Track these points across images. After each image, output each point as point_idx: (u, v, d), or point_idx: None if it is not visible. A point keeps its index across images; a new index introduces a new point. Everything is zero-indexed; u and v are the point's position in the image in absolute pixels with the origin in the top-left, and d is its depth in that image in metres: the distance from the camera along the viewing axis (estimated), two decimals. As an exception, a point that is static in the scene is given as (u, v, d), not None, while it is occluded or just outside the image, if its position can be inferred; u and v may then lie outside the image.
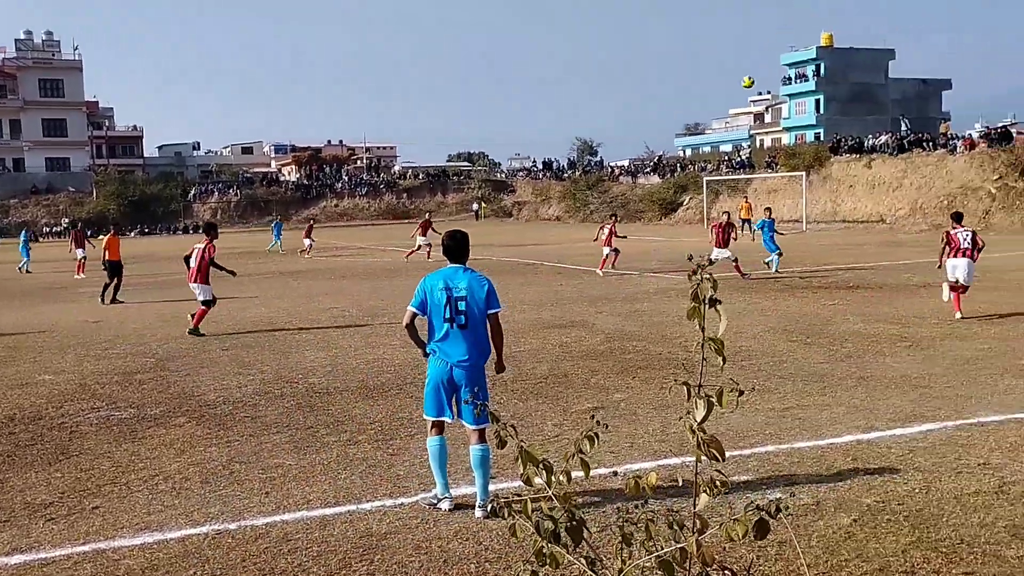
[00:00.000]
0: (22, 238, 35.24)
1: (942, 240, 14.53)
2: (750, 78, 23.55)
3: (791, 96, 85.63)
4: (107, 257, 21.23)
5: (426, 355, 6.26)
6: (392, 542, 5.41)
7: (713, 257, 21.83)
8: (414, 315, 6.33)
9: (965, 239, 14.05)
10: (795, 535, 5.10)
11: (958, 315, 13.55)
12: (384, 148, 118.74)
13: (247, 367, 11.47)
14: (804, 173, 50.90)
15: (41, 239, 67.71)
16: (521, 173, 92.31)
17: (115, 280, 20.74)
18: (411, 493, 6.32)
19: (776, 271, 21.88)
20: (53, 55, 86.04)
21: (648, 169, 73.74)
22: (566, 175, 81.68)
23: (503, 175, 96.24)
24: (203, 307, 14.70)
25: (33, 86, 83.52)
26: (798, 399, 8.82)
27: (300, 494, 6.39)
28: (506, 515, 2.65)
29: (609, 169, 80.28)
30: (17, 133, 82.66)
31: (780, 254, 22.74)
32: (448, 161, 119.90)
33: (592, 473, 6.13)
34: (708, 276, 2.53)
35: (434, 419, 6.17)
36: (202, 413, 8.99)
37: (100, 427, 8.55)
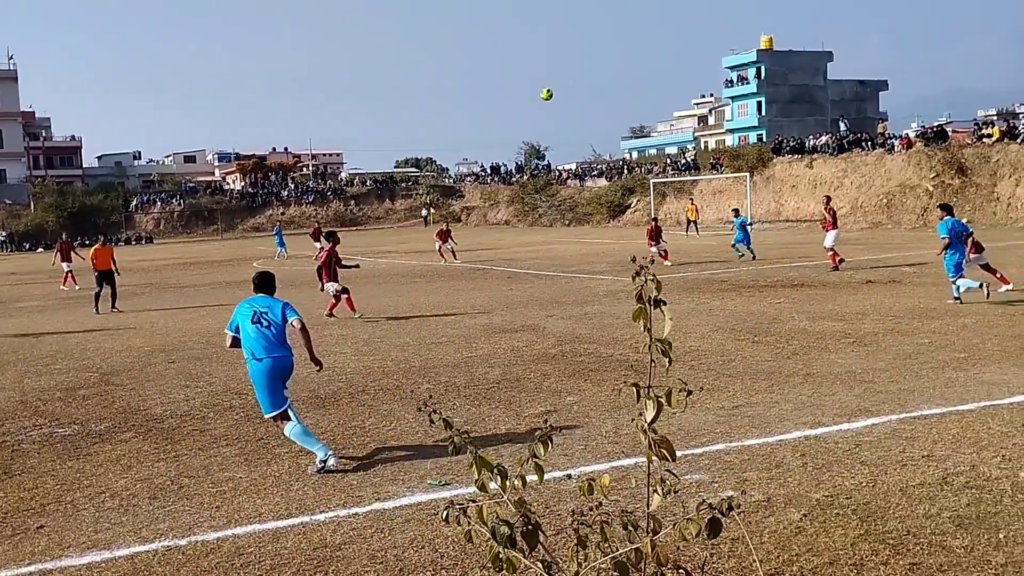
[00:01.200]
0: None
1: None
2: (548, 90, 23.87)
3: (733, 99, 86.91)
4: (95, 267, 20.85)
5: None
6: (347, 552, 5.36)
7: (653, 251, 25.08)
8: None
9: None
10: (747, 532, 5.18)
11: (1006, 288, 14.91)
12: (330, 155, 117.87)
13: (194, 379, 11.29)
14: (748, 174, 51.71)
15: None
16: (469, 178, 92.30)
17: (107, 289, 20.35)
18: (365, 502, 6.28)
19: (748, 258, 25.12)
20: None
21: (595, 172, 74.24)
22: (514, 179, 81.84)
23: (451, 180, 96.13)
24: (344, 296, 16.87)
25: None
26: (747, 397, 8.95)
27: (252, 507, 6.30)
28: (461, 521, 2.65)
29: (557, 172, 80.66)
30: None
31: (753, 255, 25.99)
32: (396, 167, 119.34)
33: (546, 477, 6.15)
34: (652, 277, 2.56)
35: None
36: (149, 428, 8.83)
37: (43, 445, 8.35)
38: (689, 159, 66.86)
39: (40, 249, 67.10)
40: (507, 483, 2.59)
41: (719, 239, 40.19)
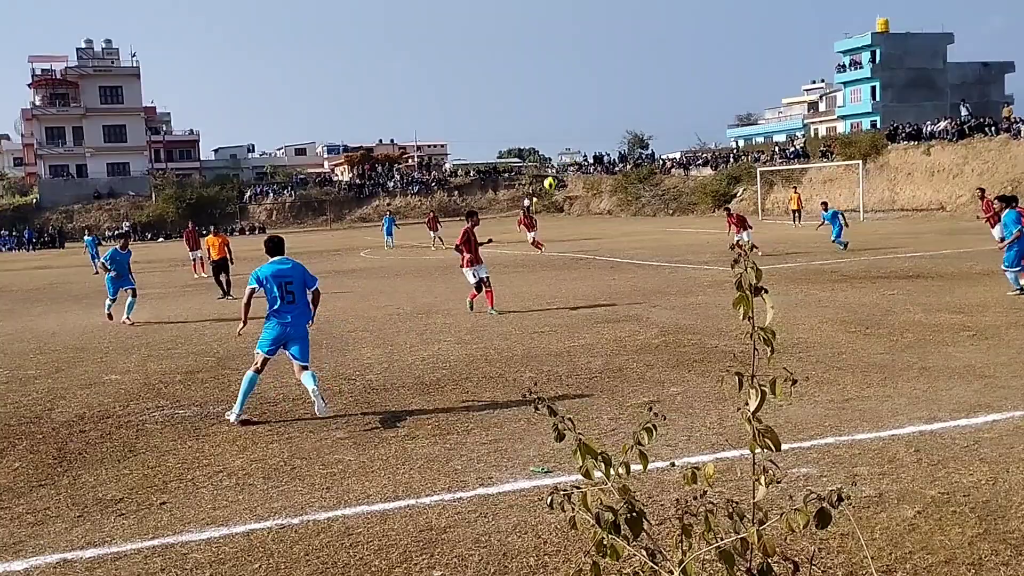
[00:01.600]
0: (88, 242, 36.00)
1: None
2: (552, 180, 23.73)
3: (846, 84, 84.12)
4: (211, 256, 21.97)
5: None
6: (452, 536, 5.46)
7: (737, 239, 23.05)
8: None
9: None
10: (858, 527, 5.04)
11: None
12: (435, 146, 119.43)
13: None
14: (860, 162, 50.01)
15: (103, 243, 69.51)
16: (572, 168, 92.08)
17: (223, 276, 21.50)
18: (469, 487, 6.38)
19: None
20: (112, 63, 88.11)
21: (700, 161, 73.04)
22: (617, 169, 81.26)
23: (554, 170, 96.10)
24: (487, 288, 15.77)
25: (94, 94, 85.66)
26: (858, 390, 8.69)
27: (360, 489, 6.48)
28: (565, 508, 2.67)
29: (661, 162, 79.71)
30: (80, 140, 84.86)
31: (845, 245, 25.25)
32: (499, 158, 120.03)
33: (650, 467, 6.12)
34: (752, 265, 2.52)
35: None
36: (263, 410, 9.15)
37: (165, 425, 8.76)
38: (798, 147, 65.10)
39: (161, 239, 70.28)
40: (611, 470, 2.60)
41: (828, 229, 39.05)
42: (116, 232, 72.86)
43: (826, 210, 27.57)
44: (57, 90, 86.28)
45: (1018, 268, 14.54)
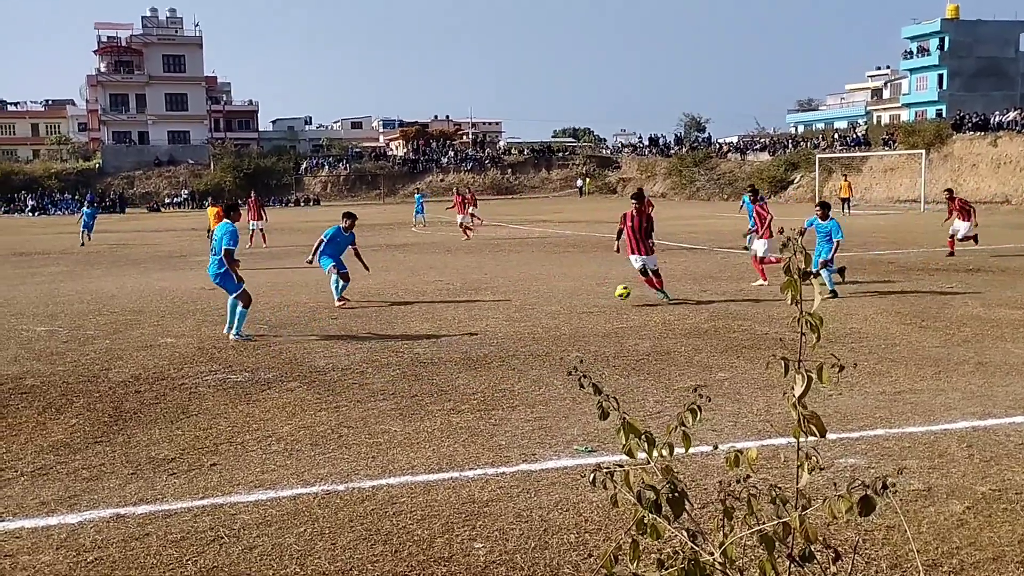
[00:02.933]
0: (87, 214, 32.82)
1: None
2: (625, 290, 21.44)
3: (912, 71, 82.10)
4: (211, 226, 22.20)
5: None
6: (494, 509, 5.51)
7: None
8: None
9: None
10: (904, 520, 4.98)
11: None
12: (490, 124, 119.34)
13: (355, 336, 11.79)
14: (924, 151, 48.85)
15: (163, 209, 70.89)
16: (627, 149, 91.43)
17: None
18: (512, 463, 6.42)
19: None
20: (176, 32, 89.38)
21: (758, 146, 72.03)
22: (672, 151, 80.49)
23: (608, 151, 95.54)
24: (656, 277, 14.42)
25: (157, 62, 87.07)
26: (910, 383, 8.55)
27: (405, 460, 6.56)
28: (607, 485, 2.68)
29: (717, 145, 78.77)
30: (142, 107, 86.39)
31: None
32: (553, 137, 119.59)
33: (694, 451, 6.11)
34: (801, 249, 2.49)
35: None
36: (312, 379, 9.30)
37: (217, 389, 8.94)
38: (859, 134, 63.84)
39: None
40: (654, 450, 2.60)
41: (887, 219, 38.32)
42: (223, 202, 74.15)
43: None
44: (122, 57, 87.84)
45: None
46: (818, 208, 15.00)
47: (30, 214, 68.18)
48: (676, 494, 2.47)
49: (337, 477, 6.19)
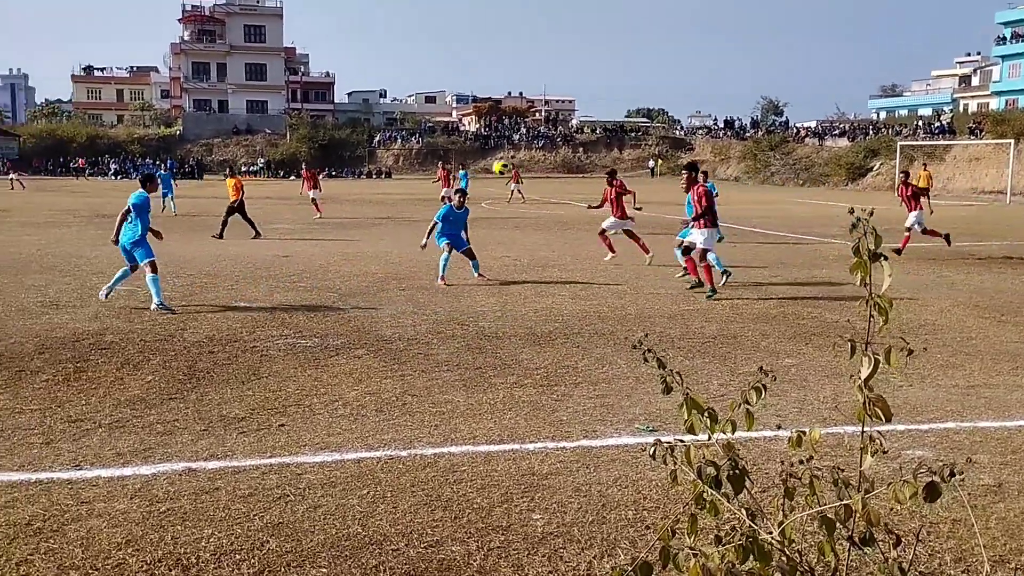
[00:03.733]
0: (164, 177, 31.06)
1: None
2: (503, 163, 20.67)
3: (1004, 57, 79.14)
4: (230, 197, 22.90)
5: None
6: (553, 482, 5.56)
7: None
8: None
9: None
10: (972, 514, 4.87)
11: None
12: (563, 101, 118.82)
13: (421, 307, 11.93)
14: (1013, 141, 47.11)
15: (239, 177, 72.29)
16: (701, 131, 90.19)
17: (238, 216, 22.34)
18: (573, 438, 6.45)
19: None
20: (258, 2, 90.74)
21: (837, 131, 70.35)
22: (748, 135, 79.10)
23: (682, 132, 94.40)
24: (702, 264, 13.15)
25: (238, 32, 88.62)
26: (985, 377, 8.32)
27: (467, 429, 6.64)
28: (667, 460, 2.69)
29: (795, 130, 77.17)
30: (223, 76, 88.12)
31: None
32: (626, 117, 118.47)
33: (755, 435, 6.05)
34: (871, 230, 2.45)
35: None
36: (379, 347, 9.45)
37: (287, 353, 9.15)
38: (945, 122, 61.86)
39: (292, 177, 72.53)
40: (716, 427, 2.61)
41: (969, 210, 37.13)
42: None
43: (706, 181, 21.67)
44: (205, 26, 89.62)
45: None
46: (702, 176, 15.34)
47: (113, 177, 70.29)
48: (737, 471, 2.47)
49: (400, 443, 6.30)
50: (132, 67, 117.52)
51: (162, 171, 34.38)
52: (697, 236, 13.40)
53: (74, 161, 74.26)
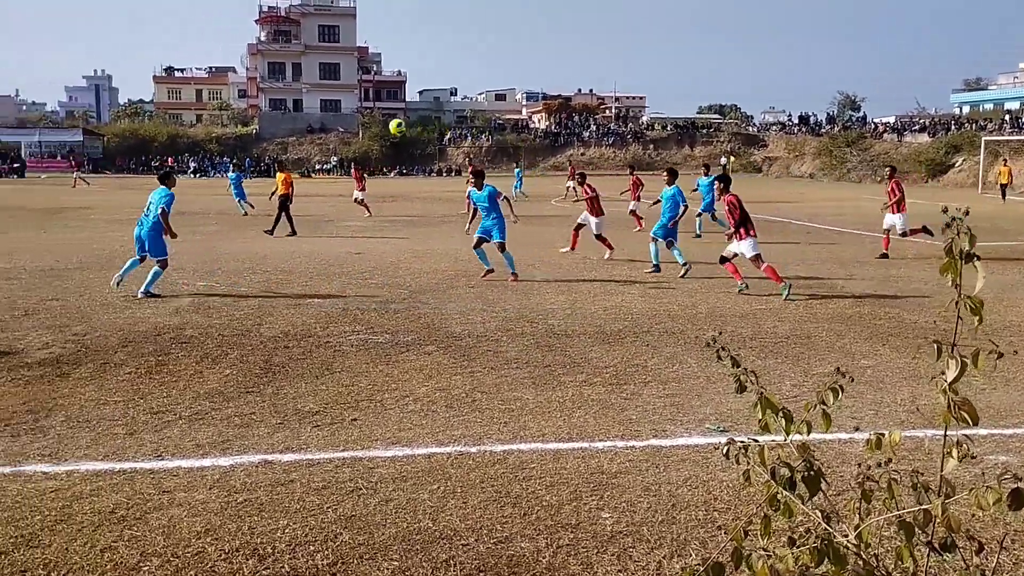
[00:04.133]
0: (233, 179, 31.93)
1: None
2: (399, 122, 19.66)
3: (1096, 48, 75.85)
4: (278, 192, 22.98)
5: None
6: (622, 481, 5.54)
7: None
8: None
9: None
10: (1057, 523, 4.71)
11: None
12: (633, 98, 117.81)
13: (491, 305, 11.98)
14: (1105, 136, 45.22)
15: (312, 175, 73.61)
16: (775, 127, 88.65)
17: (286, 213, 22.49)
18: (642, 437, 6.42)
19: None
20: (332, 2, 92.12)
21: (916, 127, 68.46)
22: (823, 131, 77.49)
23: (755, 129, 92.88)
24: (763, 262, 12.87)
25: (313, 32, 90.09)
26: (1073, 382, 8.02)
27: (536, 427, 6.66)
28: (740, 460, 2.66)
29: (872, 125, 75.31)
30: (298, 76, 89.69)
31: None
32: (698, 113, 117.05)
33: (830, 437, 5.94)
34: (966, 230, 2.38)
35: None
36: (449, 344, 9.53)
37: (360, 348, 9.29)
38: (1032, 116, 59.64)
39: (365, 175, 73.45)
40: (791, 427, 2.57)
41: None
42: (324, 166, 76.70)
43: (707, 175, 21.53)
44: (280, 27, 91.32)
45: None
46: (666, 175, 15.92)
47: (191, 175, 72.16)
48: (812, 472, 2.43)
49: (470, 439, 6.35)
50: (211, 68, 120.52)
51: (231, 173, 34.84)
52: (740, 247, 13.01)
53: (155, 159, 76.40)
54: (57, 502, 5.14)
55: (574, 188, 36.82)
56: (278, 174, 24.29)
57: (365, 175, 31.83)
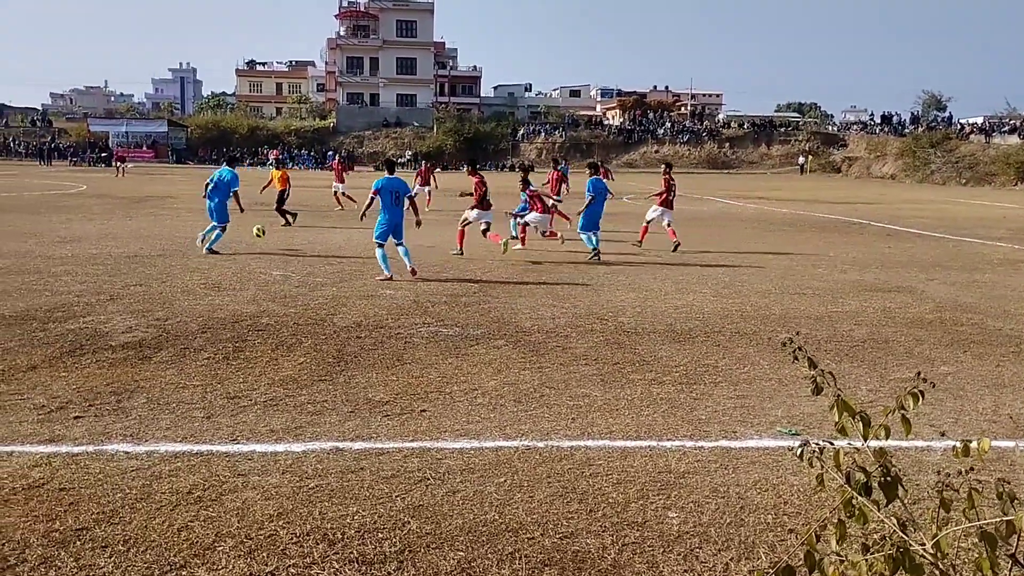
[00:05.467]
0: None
1: None
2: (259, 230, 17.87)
3: None
4: (276, 187, 23.56)
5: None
6: (690, 481, 5.49)
7: None
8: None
9: None
10: None
11: None
12: (710, 96, 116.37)
13: (561, 300, 11.98)
14: None
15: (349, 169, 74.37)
16: (856, 127, 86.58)
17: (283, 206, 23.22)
18: (711, 438, 6.35)
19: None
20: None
21: (1006, 128, 66.16)
22: (907, 131, 75.40)
23: (834, 128, 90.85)
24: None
25: (391, 27, 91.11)
26: None
27: (604, 424, 6.64)
28: (814, 463, 2.62)
29: (958, 126, 73.01)
30: (375, 70, 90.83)
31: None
32: (776, 111, 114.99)
33: (907, 444, 5.80)
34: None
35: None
36: (518, 338, 9.55)
37: (429, 341, 9.38)
38: None
39: (438, 169, 74.00)
40: (869, 431, 2.52)
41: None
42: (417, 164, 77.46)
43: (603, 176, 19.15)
44: (359, 22, 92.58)
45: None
46: (590, 169, 17.27)
47: (271, 167, 73.66)
48: (889, 478, 2.38)
49: (537, 434, 6.36)
50: (291, 61, 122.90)
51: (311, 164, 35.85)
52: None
53: (235, 151, 78.12)
54: (137, 481, 5.31)
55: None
56: (274, 171, 24.87)
57: (348, 168, 32.00)
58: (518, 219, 18.46)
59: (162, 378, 7.64)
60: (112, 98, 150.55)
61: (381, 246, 13.74)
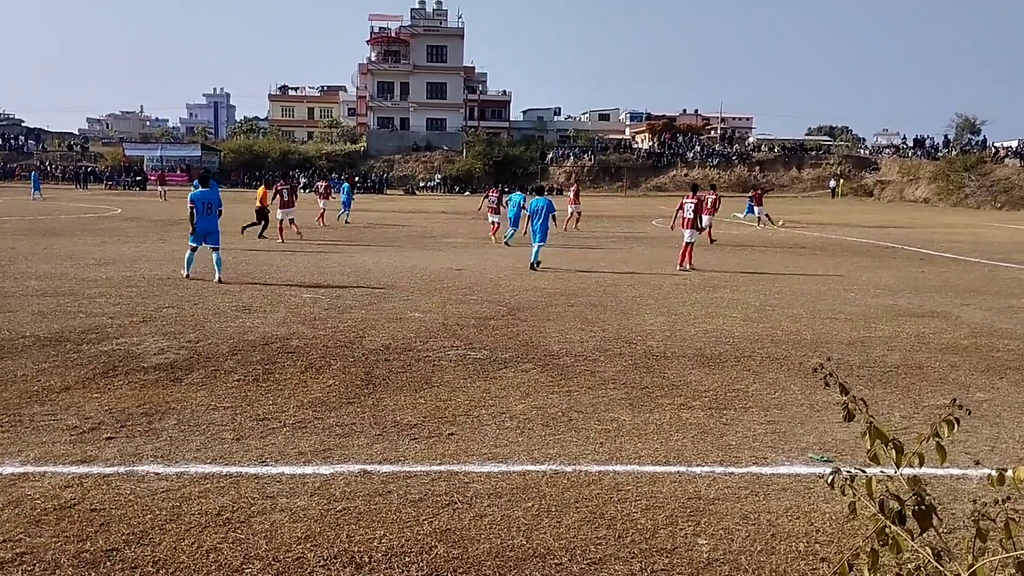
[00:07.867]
0: (346, 189, 35.20)
1: None
2: None
3: None
4: (259, 204, 25.80)
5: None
6: (720, 508, 5.43)
7: None
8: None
9: None
10: None
11: None
12: (740, 119, 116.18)
13: (589, 324, 11.94)
14: None
15: (417, 192, 74.97)
16: (888, 150, 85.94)
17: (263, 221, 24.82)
18: (742, 464, 6.28)
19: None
20: (440, 23, 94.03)
21: (1042, 151, 65.35)
22: (940, 154, 74.70)
23: (866, 151, 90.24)
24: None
25: (421, 52, 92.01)
26: None
27: (632, 449, 6.59)
28: (846, 491, 2.58)
29: (993, 149, 72.23)
30: (405, 95, 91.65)
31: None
32: (807, 135, 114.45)
33: (942, 472, 5.70)
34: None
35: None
36: (546, 362, 9.53)
37: (458, 363, 9.38)
38: None
39: (467, 192, 74.37)
40: (902, 458, 2.48)
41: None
42: (429, 183, 77.95)
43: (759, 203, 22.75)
44: (390, 47, 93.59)
45: None
46: (534, 192, 18.62)
47: (302, 191, 74.36)
48: (923, 507, 2.34)
49: (565, 458, 6.33)
50: (323, 86, 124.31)
51: (344, 185, 36.81)
52: None
53: (267, 174, 79.04)
54: (167, 502, 5.34)
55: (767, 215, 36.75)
56: (260, 188, 27.08)
57: (332, 191, 33.41)
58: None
59: (193, 400, 7.70)
60: (148, 123, 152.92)
61: (194, 250, 15.99)
